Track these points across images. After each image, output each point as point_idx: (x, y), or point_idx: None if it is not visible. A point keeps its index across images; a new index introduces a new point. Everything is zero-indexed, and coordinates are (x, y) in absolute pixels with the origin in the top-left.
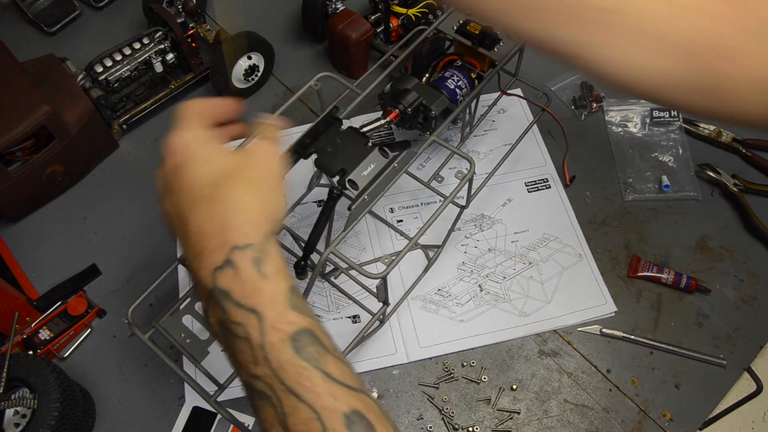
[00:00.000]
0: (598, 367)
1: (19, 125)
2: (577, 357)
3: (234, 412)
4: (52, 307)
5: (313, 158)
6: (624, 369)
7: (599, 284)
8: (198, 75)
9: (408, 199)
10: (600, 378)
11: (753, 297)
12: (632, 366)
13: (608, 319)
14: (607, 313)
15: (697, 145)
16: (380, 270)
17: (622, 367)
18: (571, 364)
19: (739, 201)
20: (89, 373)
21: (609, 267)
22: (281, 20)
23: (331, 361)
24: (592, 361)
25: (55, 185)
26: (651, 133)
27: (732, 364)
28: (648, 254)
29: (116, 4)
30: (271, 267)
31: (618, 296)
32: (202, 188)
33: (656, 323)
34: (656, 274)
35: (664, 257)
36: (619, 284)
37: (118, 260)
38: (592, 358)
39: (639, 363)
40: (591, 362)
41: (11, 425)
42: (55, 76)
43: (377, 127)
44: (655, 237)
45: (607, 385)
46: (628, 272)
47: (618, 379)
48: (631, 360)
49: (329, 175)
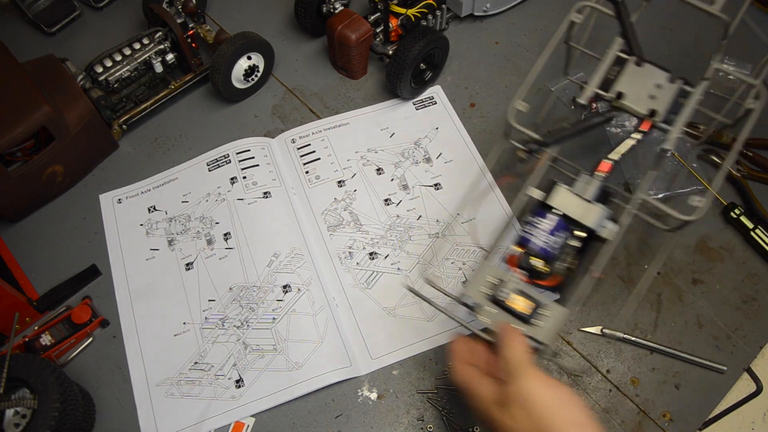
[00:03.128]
0: (598, 368)
1: (19, 125)
2: (577, 357)
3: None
4: (53, 309)
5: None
6: (624, 369)
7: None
8: (198, 75)
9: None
10: (600, 378)
11: (753, 297)
12: (632, 366)
13: (608, 319)
14: (553, 299)
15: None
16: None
17: (622, 368)
18: (571, 364)
19: (741, 186)
20: (89, 374)
21: (609, 267)
22: (281, 20)
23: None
24: (592, 361)
25: (55, 185)
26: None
27: (732, 364)
28: (648, 254)
29: (116, 4)
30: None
31: (618, 296)
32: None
33: (656, 323)
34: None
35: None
36: (619, 285)
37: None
38: (592, 359)
39: (639, 363)
40: (591, 362)
41: (11, 425)
42: (55, 76)
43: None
44: (655, 237)
45: (607, 385)
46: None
47: (618, 380)
48: (631, 360)
49: (637, 117)
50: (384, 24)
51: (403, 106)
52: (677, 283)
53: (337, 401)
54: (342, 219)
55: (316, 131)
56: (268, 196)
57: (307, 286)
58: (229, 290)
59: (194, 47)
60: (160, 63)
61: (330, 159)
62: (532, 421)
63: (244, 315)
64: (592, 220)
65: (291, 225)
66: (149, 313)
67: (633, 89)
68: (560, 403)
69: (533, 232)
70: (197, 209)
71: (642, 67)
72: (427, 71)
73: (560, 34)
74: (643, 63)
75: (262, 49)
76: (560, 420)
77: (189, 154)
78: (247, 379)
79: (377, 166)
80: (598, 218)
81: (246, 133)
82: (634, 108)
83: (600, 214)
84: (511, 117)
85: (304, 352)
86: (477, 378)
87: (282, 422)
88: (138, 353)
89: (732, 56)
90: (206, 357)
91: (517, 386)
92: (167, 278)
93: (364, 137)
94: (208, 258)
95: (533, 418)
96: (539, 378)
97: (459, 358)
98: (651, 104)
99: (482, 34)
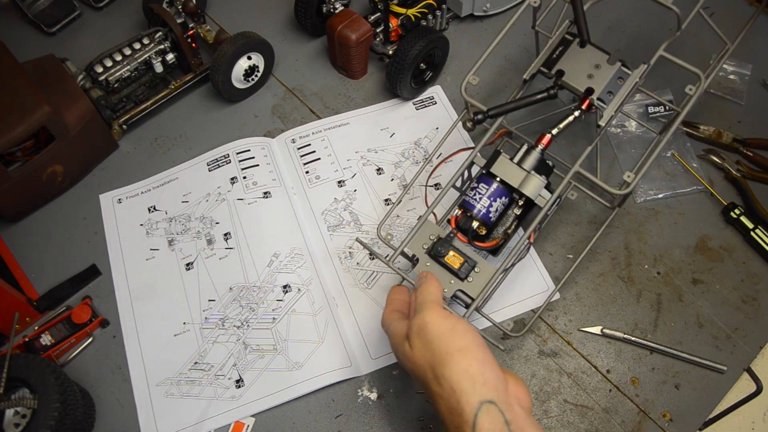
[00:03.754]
0: (598, 368)
1: (19, 125)
2: (577, 357)
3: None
4: (54, 309)
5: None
6: (624, 369)
7: (541, 273)
8: (198, 75)
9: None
10: (600, 378)
11: (753, 297)
12: (632, 366)
13: (608, 319)
14: (552, 299)
15: (697, 147)
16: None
17: (622, 368)
18: (571, 364)
19: (741, 186)
20: (89, 374)
21: (609, 267)
22: (281, 20)
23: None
24: (592, 361)
25: (55, 185)
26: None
27: (732, 364)
28: (648, 254)
29: (116, 4)
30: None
31: (618, 296)
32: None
33: (656, 323)
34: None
35: (663, 257)
36: (619, 285)
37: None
38: (592, 359)
39: (639, 363)
40: (591, 362)
41: (11, 425)
42: (55, 76)
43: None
44: (655, 237)
45: (607, 385)
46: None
47: (618, 380)
48: (631, 360)
49: (577, 94)
50: (384, 24)
51: (403, 106)
52: (677, 283)
53: (337, 401)
54: (342, 219)
55: (316, 131)
56: (268, 196)
57: (307, 286)
58: (229, 290)
59: (194, 47)
60: (160, 63)
61: (330, 159)
62: (426, 348)
63: (244, 315)
64: (529, 188)
65: (291, 225)
66: (149, 313)
67: (573, 68)
68: (451, 331)
69: (475, 197)
70: (197, 209)
71: (584, 48)
72: (427, 71)
73: (515, 17)
74: (586, 45)
75: (262, 49)
76: (449, 346)
77: (189, 154)
78: (247, 379)
79: (377, 166)
80: (535, 187)
81: (246, 133)
82: (573, 85)
83: (537, 183)
84: (463, 89)
85: (304, 352)
86: (395, 319)
87: (282, 422)
88: (138, 353)
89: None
90: (206, 357)
91: (418, 318)
92: (167, 278)
93: (364, 137)
94: (208, 258)
95: (427, 346)
96: (438, 311)
97: (390, 306)
98: (589, 83)
99: (482, 34)
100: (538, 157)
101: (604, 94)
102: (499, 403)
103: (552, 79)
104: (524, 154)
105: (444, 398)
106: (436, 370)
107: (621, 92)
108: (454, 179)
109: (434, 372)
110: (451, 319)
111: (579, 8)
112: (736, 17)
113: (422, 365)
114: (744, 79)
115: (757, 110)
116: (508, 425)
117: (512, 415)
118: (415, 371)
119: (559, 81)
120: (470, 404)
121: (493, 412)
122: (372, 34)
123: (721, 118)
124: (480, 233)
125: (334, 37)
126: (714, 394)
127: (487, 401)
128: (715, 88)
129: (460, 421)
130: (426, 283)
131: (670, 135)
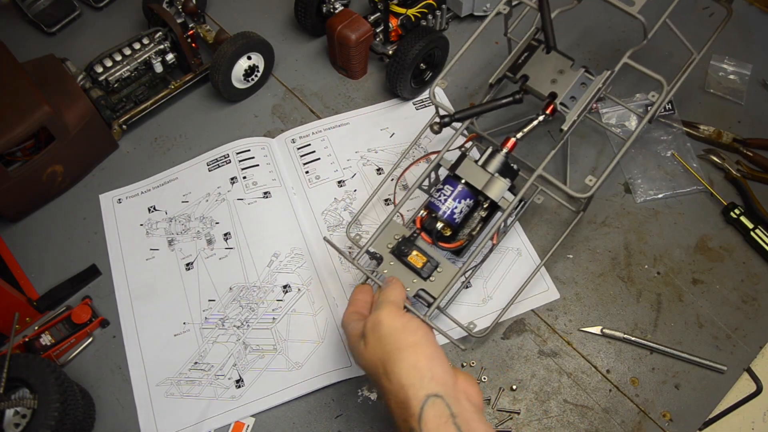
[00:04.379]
0: (598, 368)
1: (19, 125)
2: (577, 357)
3: None
4: (54, 309)
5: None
6: (624, 369)
7: (541, 273)
8: (198, 75)
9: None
10: (600, 378)
11: (753, 297)
12: (632, 366)
13: (608, 319)
14: (552, 299)
15: (697, 147)
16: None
17: (622, 368)
18: (571, 364)
19: (741, 186)
20: (89, 374)
21: (609, 267)
22: (281, 20)
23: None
24: (592, 361)
25: (55, 185)
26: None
27: (732, 364)
28: (648, 254)
29: (116, 4)
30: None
31: (618, 296)
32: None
33: (656, 323)
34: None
35: (663, 257)
36: (619, 285)
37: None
38: (592, 359)
39: (639, 363)
40: (591, 362)
41: (11, 425)
42: (55, 76)
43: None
44: (655, 237)
45: (607, 385)
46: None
47: (618, 380)
48: (631, 360)
49: (540, 99)
50: (384, 24)
51: (403, 106)
52: (677, 283)
53: (337, 401)
54: (342, 219)
55: (316, 131)
56: (268, 196)
57: (307, 286)
58: (229, 290)
59: (194, 47)
60: (160, 63)
61: (330, 159)
62: (379, 344)
63: (244, 315)
64: (493, 190)
65: (291, 225)
66: (149, 313)
67: (537, 74)
68: (403, 328)
69: (440, 198)
70: (197, 209)
71: (549, 54)
72: (427, 71)
73: (484, 24)
74: (551, 51)
75: (262, 49)
76: (400, 342)
77: (189, 154)
78: (247, 379)
79: (377, 166)
80: (499, 190)
81: (246, 133)
82: (537, 90)
83: (501, 186)
84: (431, 94)
85: (304, 352)
86: (354, 320)
87: (282, 422)
88: (138, 353)
89: (732, 56)
90: (206, 357)
91: (374, 316)
92: (167, 278)
93: (364, 137)
94: (208, 258)
95: (380, 342)
96: (392, 310)
97: (352, 306)
98: (553, 88)
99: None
100: (503, 161)
101: (567, 99)
102: (446, 397)
103: (518, 84)
104: (488, 157)
105: (393, 393)
106: (387, 365)
107: (584, 97)
108: (420, 181)
109: (385, 367)
110: (405, 317)
111: (546, 16)
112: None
113: (374, 361)
114: (744, 79)
115: (757, 110)
116: (453, 417)
117: (459, 408)
118: (368, 368)
119: (524, 86)
120: (417, 397)
121: (439, 404)
122: (372, 34)
123: (721, 118)
124: (445, 234)
125: (334, 37)
126: (714, 394)
127: (433, 395)
128: (715, 88)
129: (407, 415)
130: (389, 285)
131: (633, 138)
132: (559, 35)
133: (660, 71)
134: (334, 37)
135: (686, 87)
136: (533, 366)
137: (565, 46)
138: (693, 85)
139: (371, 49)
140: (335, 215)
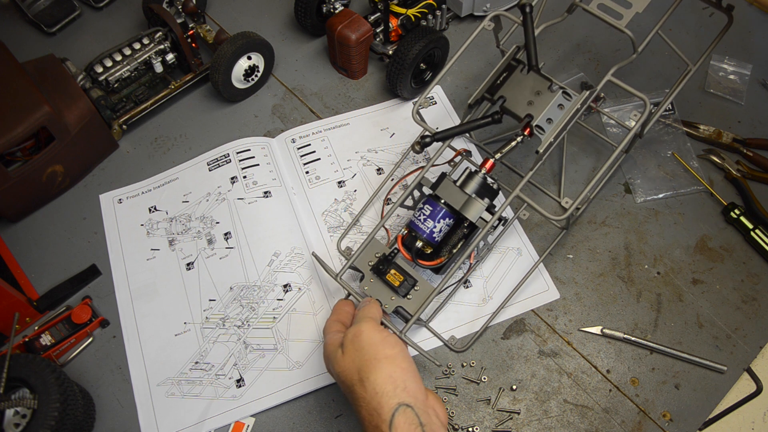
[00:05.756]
0: (598, 368)
1: (19, 125)
2: (577, 357)
3: None
4: (54, 309)
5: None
6: (624, 369)
7: (541, 273)
8: (198, 75)
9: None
10: (600, 378)
11: (753, 297)
12: (632, 366)
13: (608, 319)
14: (552, 299)
15: (697, 147)
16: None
17: (622, 368)
18: (571, 364)
19: (741, 186)
20: (89, 374)
21: (609, 267)
22: (281, 20)
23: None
24: (592, 361)
25: (55, 185)
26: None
27: (732, 364)
28: (648, 254)
29: (116, 4)
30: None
31: (618, 296)
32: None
33: (656, 323)
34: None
35: (663, 257)
36: (619, 285)
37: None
38: (592, 359)
39: (639, 363)
40: (591, 362)
41: (11, 425)
42: (55, 76)
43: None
44: (655, 237)
45: (607, 385)
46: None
47: (618, 380)
48: (631, 360)
49: (518, 120)
50: (384, 24)
51: (404, 106)
52: (677, 283)
53: (337, 401)
54: (342, 220)
55: (316, 131)
56: (269, 195)
57: (308, 285)
58: (229, 290)
59: (194, 47)
60: (160, 63)
61: (330, 159)
62: (357, 353)
63: (244, 314)
64: (470, 211)
65: (291, 224)
66: (150, 313)
67: (515, 95)
68: (382, 341)
69: (420, 217)
70: (198, 209)
71: (527, 75)
72: (427, 71)
73: (471, 38)
74: (530, 71)
75: (262, 49)
76: (378, 352)
77: (189, 154)
78: (248, 379)
79: (377, 166)
80: (476, 210)
81: (246, 132)
82: (513, 112)
83: (478, 207)
84: (414, 113)
85: (304, 351)
86: (335, 330)
87: (282, 422)
88: (138, 353)
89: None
90: (207, 357)
91: (354, 328)
92: (168, 278)
93: (364, 137)
94: (208, 258)
95: (358, 351)
96: (373, 324)
97: (335, 315)
98: (529, 110)
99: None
100: (481, 182)
101: (543, 122)
102: (416, 409)
103: (496, 105)
104: (466, 178)
105: (366, 400)
106: (362, 373)
107: (559, 120)
108: (402, 199)
109: (360, 375)
110: (384, 332)
111: (530, 34)
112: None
113: (350, 369)
114: (744, 79)
115: (757, 110)
116: (422, 426)
117: (427, 419)
118: (342, 375)
119: (501, 107)
120: (389, 405)
121: (409, 413)
122: (372, 34)
123: (721, 118)
124: (426, 252)
125: (334, 37)
126: (714, 394)
127: (404, 404)
128: (715, 88)
129: (378, 421)
130: (367, 305)
131: (616, 154)
132: (555, 42)
133: (660, 74)
134: (334, 37)
135: (686, 87)
136: (533, 366)
137: (564, 52)
138: (693, 85)
139: (371, 49)
140: (335, 216)
